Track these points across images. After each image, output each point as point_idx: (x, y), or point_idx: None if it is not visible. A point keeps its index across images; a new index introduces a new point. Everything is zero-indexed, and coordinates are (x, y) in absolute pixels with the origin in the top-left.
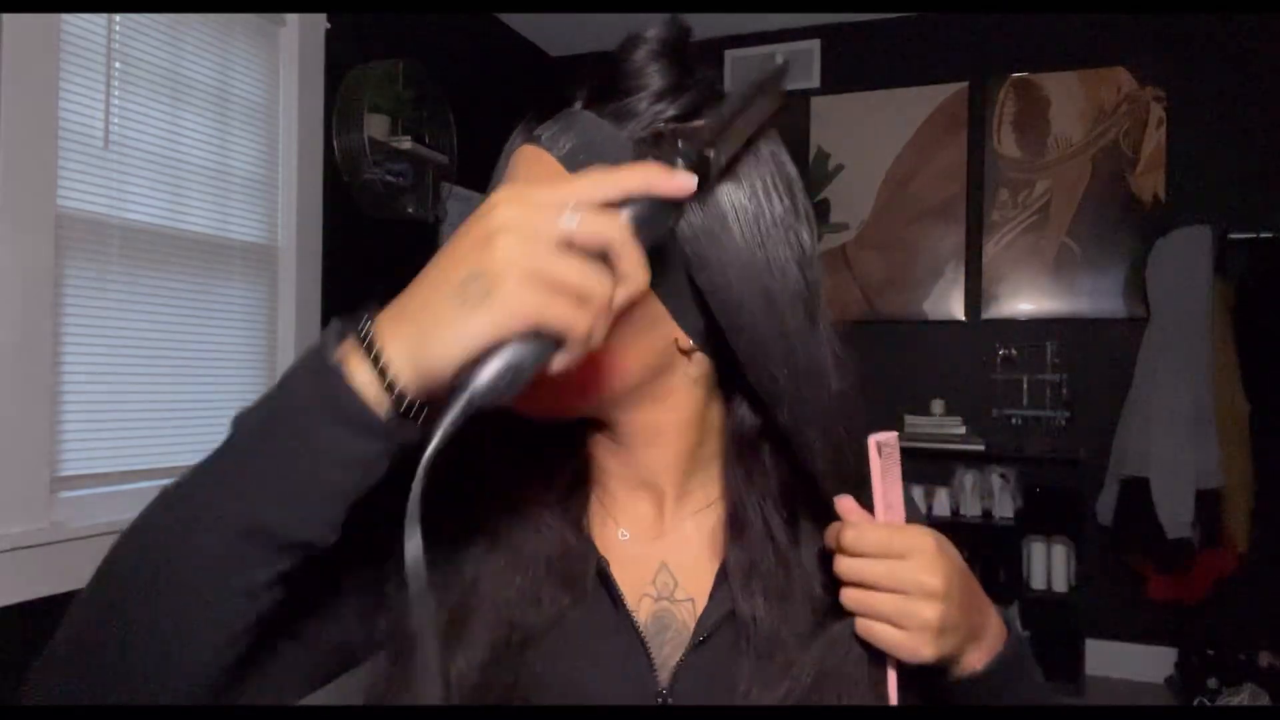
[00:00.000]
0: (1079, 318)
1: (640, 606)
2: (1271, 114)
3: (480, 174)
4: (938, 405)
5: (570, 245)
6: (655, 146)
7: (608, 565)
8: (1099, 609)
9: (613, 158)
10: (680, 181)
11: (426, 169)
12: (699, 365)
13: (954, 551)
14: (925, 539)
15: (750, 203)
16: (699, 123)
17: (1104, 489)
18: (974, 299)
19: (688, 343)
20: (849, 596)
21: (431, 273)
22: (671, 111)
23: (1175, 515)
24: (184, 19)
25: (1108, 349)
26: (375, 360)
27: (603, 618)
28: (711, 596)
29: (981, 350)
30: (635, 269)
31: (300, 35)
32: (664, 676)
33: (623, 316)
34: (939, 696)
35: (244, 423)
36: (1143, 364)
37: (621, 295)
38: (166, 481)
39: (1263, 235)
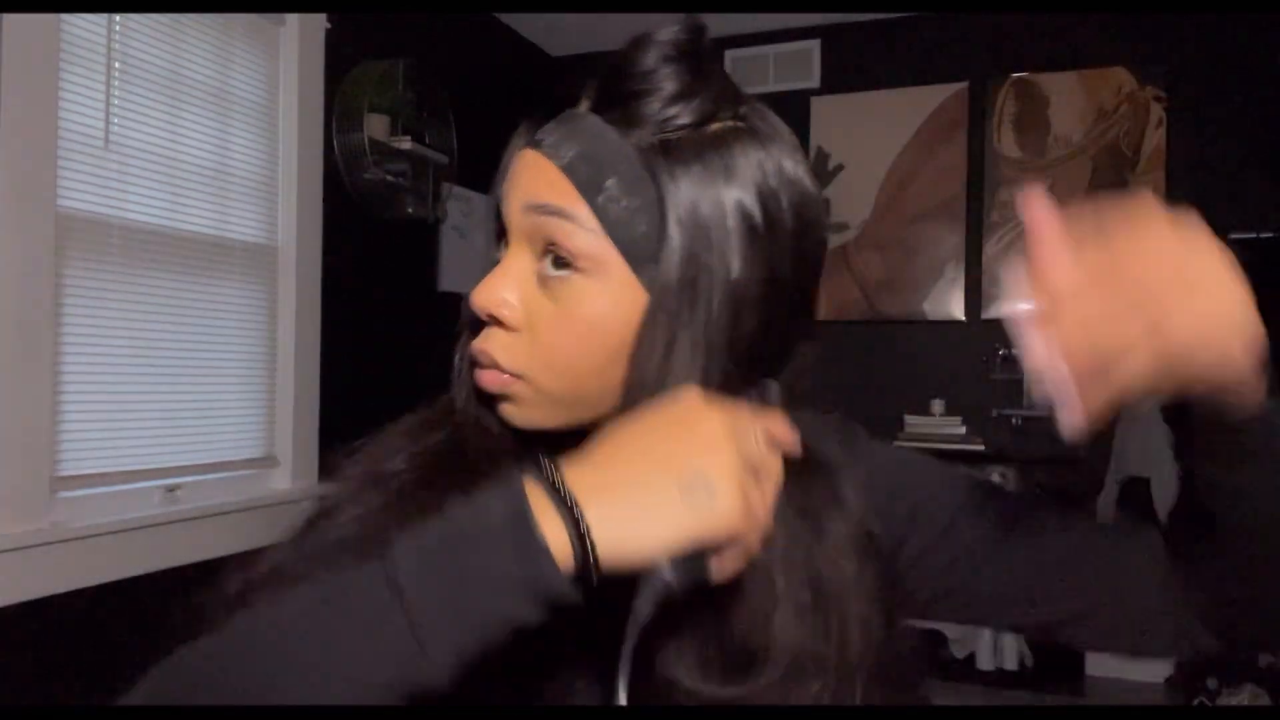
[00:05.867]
0: None
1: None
2: (1271, 114)
3: (480, 174)
4: (938, 405)
5: (754, 470)
6: (664, 155)
7: None
8: None
9: (617, 170)
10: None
11: (426, 169)
12: None
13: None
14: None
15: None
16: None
17: (1104, 489)
18: (974, 299)
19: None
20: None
21: (641, 453)
22: (685, 119)
23: None
24: (184, 19)
25: None
26: (577, 531)
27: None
28: None
29: (981, 350)
30: (768, 503)
31: (300, 35)
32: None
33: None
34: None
35: (412, 554)
36: None
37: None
38: (166, 481)
39: (1263, 235)
